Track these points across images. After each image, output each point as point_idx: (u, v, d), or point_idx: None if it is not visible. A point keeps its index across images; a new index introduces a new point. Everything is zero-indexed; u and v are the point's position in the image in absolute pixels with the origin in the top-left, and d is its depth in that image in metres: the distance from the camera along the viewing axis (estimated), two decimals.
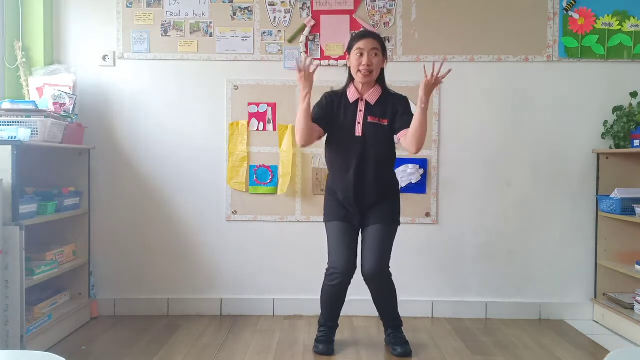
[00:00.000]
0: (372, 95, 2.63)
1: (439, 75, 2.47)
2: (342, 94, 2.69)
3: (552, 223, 3.32)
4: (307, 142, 2.61)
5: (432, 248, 3.33)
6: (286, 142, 3.28)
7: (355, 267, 2.61)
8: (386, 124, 2.61)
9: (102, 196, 3.31)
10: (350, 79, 2.68)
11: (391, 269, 2.67)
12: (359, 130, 2.61)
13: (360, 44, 2.58)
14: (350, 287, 2.77)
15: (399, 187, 2.81)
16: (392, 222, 2.67)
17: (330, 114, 2.65)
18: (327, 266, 2.65)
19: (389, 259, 2.63)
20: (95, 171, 3.28)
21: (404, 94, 2.70)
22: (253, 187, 3.32)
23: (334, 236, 2.65)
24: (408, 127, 2.55)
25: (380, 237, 2.61)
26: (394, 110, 2.62)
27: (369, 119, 2.61)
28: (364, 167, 2.60)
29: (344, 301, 2.71)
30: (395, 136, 2.64)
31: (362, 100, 2.63)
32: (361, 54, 2.57)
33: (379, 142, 2.61)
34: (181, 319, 3.24)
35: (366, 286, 2.65)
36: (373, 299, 2.71)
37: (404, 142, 2.58)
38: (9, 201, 2.41)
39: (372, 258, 2.58)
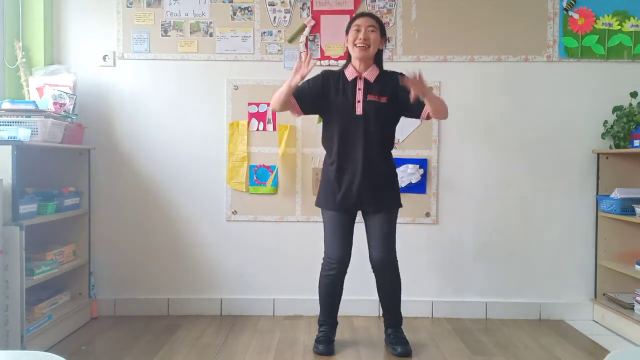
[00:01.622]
0: (371, 74, 2.63)
1: (416, 78, 2.42)
2: (339, 73, 2.68)
3: (552, 223, 3.32)
4: (278, 109, 2.65)
5: (432, 248, 3.33)
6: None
7: (350, 257, 2.65)
8: (385, 101, 2.61)
9: (102, 196, 3.31)
10: (348, 60, 2.67)
11: None
12: (359, 109, 2.60)
13: (358, 21, 2.61)
14: (350, 287, 2.78)
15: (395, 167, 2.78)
16: (395, 207, 2.69)
17: (319, 96, 2.63)
18: (323, 256, 2.68)
19: (395, 246, 2.67)
20: (95, 171, 3.28)
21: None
22: (253, 187, 3.32)
23: (330, 226, 2.66)
24: (420, 109, 2.58)
25: (387, 226, 2.64)
26: (394, 89, 2.61)
27: (369, 97, 2.60)
28: (371, 145, 2.59)
29: (341, 294, 2.72)
30: (420, 119, 2.66)
31: (360, 78, 2.63)
32: (358, 30, 2.58)
33: (380, 120, 2.61)
34: (181, 319, 3.24)
35: (366, 286, 2.66)
36: (378, 288, 2.72)
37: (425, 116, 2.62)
38: (9, 201, 2.41)
39: (381, 247, 2.62)
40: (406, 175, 3.28)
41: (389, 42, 3.28)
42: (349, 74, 2.64)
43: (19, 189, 2.47)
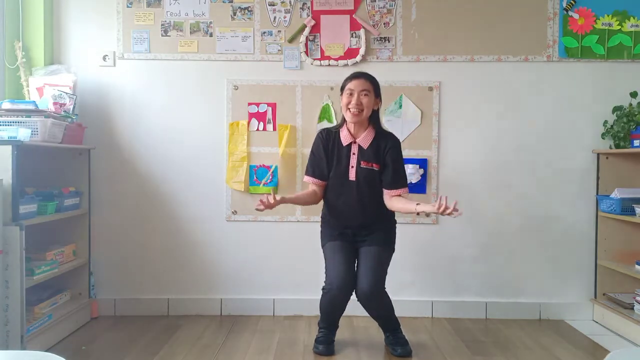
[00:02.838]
0: (365, 139, 2.66)
1: (446, 211, 2.38)
2: (335, 133, 2.71)
3: (552, 223, 3.32)
4: (316, 202, 2.75)
5: (432, 248, 3.33)
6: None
7: (353, 283, 2.58)
8: (378, 169, 2.65)
9: (102, 196, 3.31)
10: (343, 119, 2.70)
11: (391, 268, 2.68)
12: (352, 175, 2.65)
13: (351, 85, 2.62)
14: None
15: (395, 217, 2.81)
16: (388, 245, 2.70)
17: (325, 160, 2.70)
18: (323, 284, 2.64)
19: (384, 279, 2.61)
20: (95, 171, 3.28)
21: (394, 137, 2.72)
22: (253, 187, 3.32)
23: (331, 254, 2.66)
24: (393, 186, 2.63)
25: (374, 258, 2.61)
26: (385, 158, 2.65)
27: (362, 164, 2.64)
28: (362, 208, 2.65)
29: (344, 310, 2.70)
30: (386, 190, 2.66)
31: (354, 143, 2.66)
32: (351, 94, 2.60)
33: (373, 186, 2.66)
34: (181, 319, 3.24)
35: None
36: (369, 314, 2.70)
37: (386, 200, 2.65)
38: (9, 201, 2.41)
39: (367, 277, 2.55)
40: (406, 174, 3.27)
41: (389, 41, 3.28)
42: (344, 138, 2.68)
43: (19, 189, 2.47)
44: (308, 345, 2.79)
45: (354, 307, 2.91)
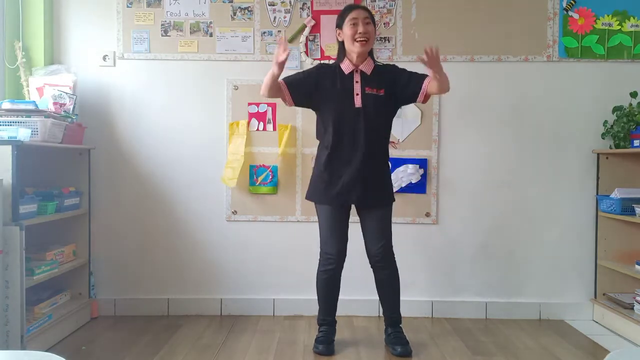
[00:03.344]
0: (367, 66, 2.63)
1: (434, 54, 2.42)
2: (335, 67, 2.68)
3: (552, 223, 3.32)
4: (267, 95, 2.60)
5: (432, 248, 3.33)
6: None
7: (346, 251, 2.67)
8: (382, 94, 2.61)
9: (102, 196, 3.31)
10: (342, 54, 2.66)
11: None
12: (358, 102, 2.60)
13: (353, 14, 2.59)
14: (350, 287, 2.78)
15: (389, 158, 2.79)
16: (390, 202, 2.71)
17: (312, 86, 2.62)
18: (320, 252, 2.69)
19: (392, 240, 2.69)
20: (95, 171, 3.28)
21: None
22: (253, 187, 3.32)
23: (327, 221, 2.67)
24: (420, 82, 2.59)
25: (383, 220, 2.67)
26: (392, 79, 2.63)
27: (367, 90, 2.60)
28: (372, 137, 2.59)
29: (339, 290, 2.73)
30: (419, 94, 2.61)
31: (357, 71, 2.63)
32: (354, 24, 2.57)
33: (379, 113, 2.61)
34: (181, 319, 3.24)
35: (366, 286, 2.66)
36: (377, 285, 2.72)
37: (431, 88, 2.58)
38: (9, 201, 2.41)
39: (379, 241, 2.64)
40: (406, 175, 3.28)
41: (389, 41, 3.29)
42: (345, 67, 2.64)
43: (19, 189, 2.47)
44: (308, 345, 2.79)
45: (354, 307, 2.93)
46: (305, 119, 3.29)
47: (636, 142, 3.08)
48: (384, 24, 3.30)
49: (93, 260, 3.27)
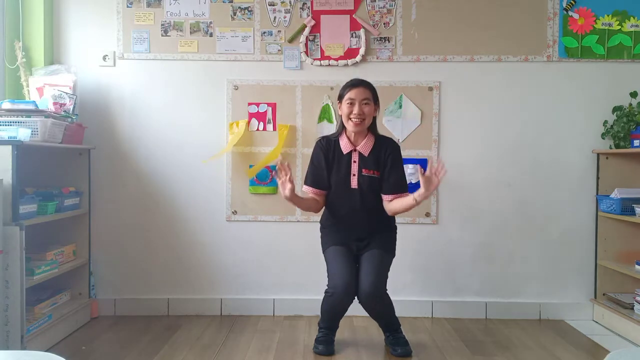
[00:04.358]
0: (365, 146, 2.66)
1: (438, 174, 2.44)
2: (334, 142, 2.70)
3: (552, 223, 3.32)
4: (315, 212, 2.76)
5: (432, 248, 3.33)
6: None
7: (356, 287, 2.57)
8: (379, 176, 2.65)
9: (102, 196, 3.31)
10: (342, 127, 2.69)
11: (391, 268, 2.68)
12: (354, 183, 2.65)
13: (351, 94, 2.60)
14: None
15: (395, 221, 2.82)
16: (389, 250, 2.70)
17: (326, 169, 2.69)
18: (326, 287, 2.64)
19: (386, 282, 2.62)
20: (95, 171, 3.28)
21: (394, 141, 2.75)
22: (253, 187, 3.32)
23: (333, 258, 2.65)
24: (393, 191, 2.62)
25: (376, 260, 2.61)
26: (385, 164, 2.65)
27: (364, 172, 2.64)
28: (366, 215, 2.65)
29: (345, 313, 2.69)
30: (385, 196, 2.66)
31: (355, 151, 2.65)
32: (351, 103, 2.59)
33: (374, 192, 2.66)
34: (181, 319, 3.24)
35: None
36: (369, 315, 2.70)
37: (386, 205, 2.65)
38: (9, 201, 2.41)
39: (368, 278, 2.55)
40: (406, 175, 3.27)
41: (389, 41, 3.29)
42: (344, 147, 2.67)
43: (19, 189, 2.47)
44: (308, 345, 2.79)
45: (354, 307, 2.91)
46: (305, 119, 3.30)
47: (636, 142, 3.08)
48: (384, 24, 3.29)
49: (93, 260, 3.27)
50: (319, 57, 3.30)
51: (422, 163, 3.29)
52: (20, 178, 2.49)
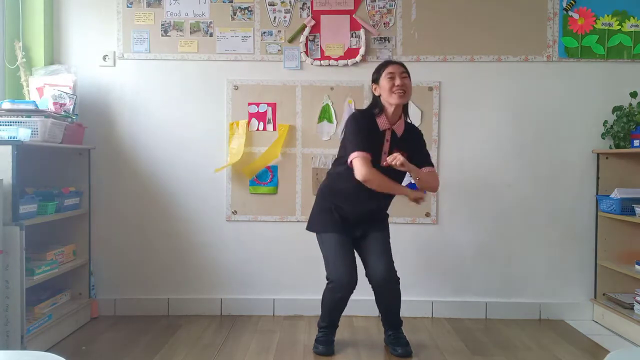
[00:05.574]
0: (399, 127, 2.65)
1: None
2: (371, 117, 2.64)
3: (552, 223, 3.32)
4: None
5: (432, 248, 3.33)
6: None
7: (356, 279, 2.60)
8: (406, 156, 2.60)
9: (102, 196, 3.31)
10: (378, 106, 2.63)
11: None
12: (384, 160, 2.59)
13: (390, 69, 2.61)
14: None
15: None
16: (388, 235, 2.73)
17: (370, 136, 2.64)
18: (327, 278, 2.64)
19: (394, 263, 2.66)
20: (95, 171, 3.28)
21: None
22: (253, 187, 3.32)
23: (333, 249, 2.64)
24: (424, 163, 2.65)
25: (384, 243, 2.66)
26: (414, 145, 2.67)
27: (395, 151, 2.60)
28: (378, 198, 2.62)
29: (345, 307, 2.70)
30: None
31: (389, 130, 2.64)
32: (392, 77, 2.58)
33: (399, 174, 2.64)
34: (181, 319, 3.24)
35: (366, 286, 2.64)
36: (378, 303, 2.71)
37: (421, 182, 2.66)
38: (9, 201, 2.41)
39: (382, 264, 2.60)
40: (406, 175, 3.27)
41: (389, 41, 3.29)
42: (381, 123, 2.63)
43: (19, 189, 2.47)
44: (308, 345, 2.79)
45: (354, 307, 2.92)
46: (305, 119, 3.30)
47: (636, 142, 3.08)
48: (384, 24, 3.29)
49: (93, 260, 3.27)
50: (319, 57, 3.30)
51: None
52: (21, 178, 2.49)
